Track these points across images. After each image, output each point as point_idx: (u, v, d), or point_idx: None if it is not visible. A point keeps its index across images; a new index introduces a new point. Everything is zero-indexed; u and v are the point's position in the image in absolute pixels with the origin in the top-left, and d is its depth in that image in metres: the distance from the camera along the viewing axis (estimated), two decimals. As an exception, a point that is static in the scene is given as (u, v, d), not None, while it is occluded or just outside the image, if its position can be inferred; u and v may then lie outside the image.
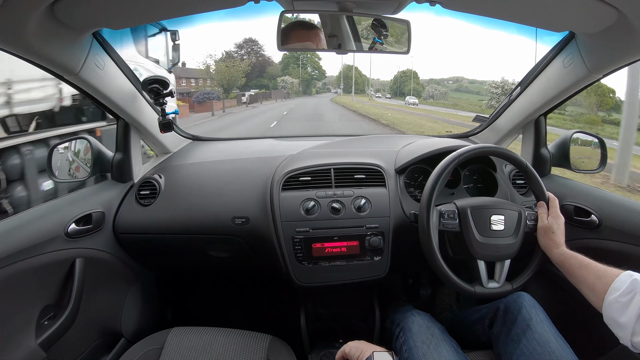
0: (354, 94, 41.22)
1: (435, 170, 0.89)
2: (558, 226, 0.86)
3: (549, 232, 0.85)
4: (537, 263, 0.90)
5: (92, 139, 1.12)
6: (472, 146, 0.91)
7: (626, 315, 0.62)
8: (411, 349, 0.84)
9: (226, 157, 1.29)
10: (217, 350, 0.86)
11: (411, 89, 43.44)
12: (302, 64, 44.86)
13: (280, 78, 40.95)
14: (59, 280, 0.92)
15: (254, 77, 37.80)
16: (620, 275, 0.67)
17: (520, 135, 1.31)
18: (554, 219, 0.87)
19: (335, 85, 47.35)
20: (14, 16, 0.63)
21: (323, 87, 48.97)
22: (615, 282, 0.66)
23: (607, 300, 0.66)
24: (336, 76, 50.45)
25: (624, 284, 0.65)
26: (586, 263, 0.75)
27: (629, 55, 0.84)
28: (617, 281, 0.66)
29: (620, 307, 0.63)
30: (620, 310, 0.63)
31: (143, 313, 1.24)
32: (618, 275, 0.67)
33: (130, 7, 0.76)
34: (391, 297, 1.38)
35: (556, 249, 0.83)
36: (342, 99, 35.53)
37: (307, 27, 0.95)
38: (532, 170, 0.91)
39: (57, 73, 0.85)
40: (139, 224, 1.09)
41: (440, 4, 0.79)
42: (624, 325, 0.62)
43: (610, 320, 0.66)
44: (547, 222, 0.87)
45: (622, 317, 0.62)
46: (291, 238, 1.02)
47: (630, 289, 0.63)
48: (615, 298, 0.64)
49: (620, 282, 0.66)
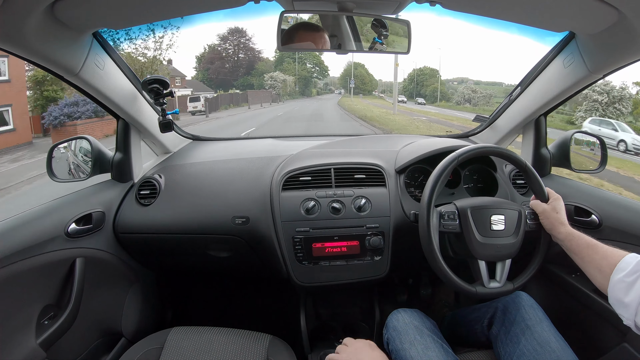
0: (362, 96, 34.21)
1: (435, 170, 0.89)
2: (560, 206, 0.86)
3: (553, 212, 0.85)
4: (538, 262, 0.89)
5: (92, 139, 1.12)
6: (472, 146, 0.91)
7: (631, 295, 0.62)
8: (398, 350, 0.81)
9: (226, 157, 1.29)
10: (217, 350, 0.86)
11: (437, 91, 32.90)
12: (300, 59, 33.77)
13: (268, 75, 30.50)
14: (59, 280, 0.92)
15: (241, 75, 30.62)
16: (626, 256, 0.67)
17: (521, 135, 1.31)
18: (555, 200, 0.87)
19: (338, 85, 39.61)
20: (14, 16, 0.63)
21: (325, 88, 39.73)
22: (621, 263, 0.67)
23: (613, 280, 0.66)
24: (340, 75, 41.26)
25: (629, 265, 0.65)
26: (593, 243, 0.75)
27: (630, 55, 0.84)
28: (623, 262, 0.66)
29: (625, 286, 0.63)
30: (625, 289, 0.63)
31: (143, 313, 1.24)
32: (624, 256, 0.68)
33: (130, 7, 0.76)
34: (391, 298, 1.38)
35: (563, 227, 0.82)
36: (354, 104, 25.34)
37: (312, 28, 0.94)
38: (532, 170, 0.91)
39: (57, 73, 0.85)
40: (139, 223, 1.10)
41: (440, 4, 0.79)
42: (628, 304, 0.62)
43: (615, 300, 0.66)
44: (548, 205, 0.87)
45: (627, 296, 0.63)
46: (291, 238, 1.02)
47: (635, 269, 0.64)
48: (621, 278, 0.65)
49: (626, 263, 0.66)
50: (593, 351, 0.93)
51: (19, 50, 0.73)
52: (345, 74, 38.71)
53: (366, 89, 37.91)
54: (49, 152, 1.07)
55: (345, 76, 38.75)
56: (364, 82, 38.04)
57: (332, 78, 40.92)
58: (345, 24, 0.96)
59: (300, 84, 35.53)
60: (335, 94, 36.81)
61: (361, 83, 37.45)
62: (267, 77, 30.48)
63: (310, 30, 0.94)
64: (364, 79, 38.70)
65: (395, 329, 0.86)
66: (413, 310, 0.92)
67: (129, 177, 1.15)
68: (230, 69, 30.78)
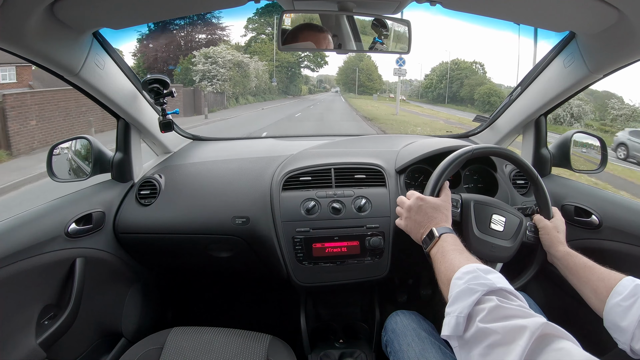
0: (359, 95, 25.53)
1: (444, 161, 0.87)
2: (562, 228, 0.86)
3: (554, 230, 0.85)
4: (537, 263, 0.89)
5: (93, 139, 1.12)
6: (486, 145, 0.90)
7: (627, 319, 0.62)
8: (396, 352, 0.82)
9: (226, 156, 1.29)
10: (217, 350, 0.86)
11: (482, 94, 20.58)
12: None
13: (200, 52, 15.21)
14: (59, 280, 0.92)
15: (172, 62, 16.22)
16: (623, 280, 0.67)
17: (521, 135, 1.31)
18: (558, 220, 0.87)
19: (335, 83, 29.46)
20: (14, 16, 0.63)
21: (319, 86, 29.07)
22: (617, 286, 0.66)
23: (609, 304, 0.66)
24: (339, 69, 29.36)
25: (626, 288, 0.64)
26: (590, 264, 0.75)
27: (630, 55, 0.84)
28: (620, 285, 0.66)
29: (622, 310, 0.63)
30: (622, 314, 0.63)
31: (143, 313, 1.24)
32: (621, 279, 0.67)
33: (130, 7, 0.76)
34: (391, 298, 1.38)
35: (561, 246, 0.82)
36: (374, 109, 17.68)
37: (316, 29, 0.94)
38: (543, 186, 0.89)
39: (57, 73, 0.85)
40: (139, 223, 1.09)
41: (440, 3, 0.79)
42: (625, 329, 0.62)
43: (611, 324, 0.65)
44: (551, 222, 0.86)
45: (624, 321, 0.62)
46: (291, 238, 1.02)
47: (632, 293, 0.63)
48: (618, 302, 0.64)
49: (623, 286, 0.65)
50: (593, 351, 0.92)
51: (19, 50, 0.73)
52: (347, 66, 28.15)
53: (373, 87, 27.21)
54: (49, 152, 1.07)
55: (346, 69, 28.46)
56: (370, 79, 27.62)
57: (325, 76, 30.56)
58: (346, 24, 0.96)
59: (282, 77, 21.37)
60: (332, 93, 28.20)
61: (367, 79, 27.41)
62: (198, 58, 14.96)
63: (314, 31, 0.94)
64: (372, 75, 27.69)
65: (394, 331, 0.87)
66: (411, 312, 0.93)
67: (129, 177, 1.15)
68: (171, 54, 16.57)
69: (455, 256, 0.65)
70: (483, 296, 0.53)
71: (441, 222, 0.76)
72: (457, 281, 0.57)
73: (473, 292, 0.53)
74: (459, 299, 0.54)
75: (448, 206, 0.81)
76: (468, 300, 0.53)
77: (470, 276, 0.56)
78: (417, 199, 0.81)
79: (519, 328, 0.46)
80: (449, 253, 0.67)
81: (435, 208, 0.78)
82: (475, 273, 0.56)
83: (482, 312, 0.51)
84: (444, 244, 0.70)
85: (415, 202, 0.80)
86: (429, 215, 0.78)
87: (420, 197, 0.81)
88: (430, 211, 0.78)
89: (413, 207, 0.80)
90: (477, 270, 0.57)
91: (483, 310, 0.51)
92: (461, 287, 0.55)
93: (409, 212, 0.81)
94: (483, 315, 0.50)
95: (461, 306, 0.53)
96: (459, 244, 0.70)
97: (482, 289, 0.53)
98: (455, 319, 0.53)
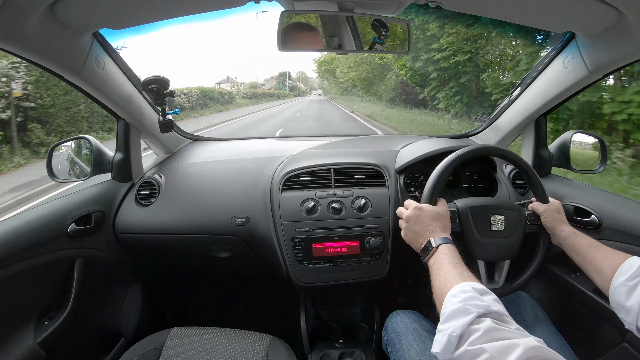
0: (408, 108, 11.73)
1: (436, 168, 0.89)
2: (561, 208, 0.86)
3: (555, 211, 0.85)
4: (537, 263, 0.89)
5: (92, 139, 1.12)
6: (474, 146, 0.91)
7: (632, 299, 0.62)
8: (397, 351, 0.82)
9: (226, 157, 1.29)
10: (216, 350, 0.86)
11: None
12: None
13: None
14: (59, 280, 0.92)
15: None
16: (628, 259, 0.66)
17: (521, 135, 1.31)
18: (556, 203, 0.87)
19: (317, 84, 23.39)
20: (14, 16, 0.63)
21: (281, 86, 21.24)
22: (622, 266, 0.66)
23: (614, 284, 0.65)
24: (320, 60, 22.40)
25: (631, 268, 0.64)
26: (595, 244, 0.75)
27: (630, 55, 0.84)
28: (625, 264, 0.66)
29: (626, 290, 0.63)
30: (626, 294, 0.63)
31: (143, 313, 1.24)
32: (626, 259, 0.67)
33: (130, 7, 0.76)
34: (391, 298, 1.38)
35: (565, 225, 0.82)
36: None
37: (304, 28, 0.94)
38: (534, 172, 0.89)
39: (57, 73, 0.85)
40: (139, 224, 1.09)
41: (440, 4, 0.79)
42: (630, 309, 0.62)
43: (616, 304, 0.65)
44: (550, 205, 0.86)
45: (628, 301, 0.62)
46: (291, 238, 1.02)
47: (637, 273, 0.63)
48: (622, 282, 0.64)
49: (627, 266, 0.65)
50: (593, 351, 0.93)
51: (19, 50, 0.73)
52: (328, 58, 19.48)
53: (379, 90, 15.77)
54: (49, 152, 1.07)
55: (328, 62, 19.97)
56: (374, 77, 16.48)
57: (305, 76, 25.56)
58: (346, 24, 0.96)
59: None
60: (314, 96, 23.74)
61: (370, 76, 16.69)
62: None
63: (303, 30, 0.94)
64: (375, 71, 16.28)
65: (395, 330, 0.87)
66: (411, 312, 0.93)
67: (129, 177, 1.15)
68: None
69: (450, 270, 0.65)
70: (477, 318, 0.52)
71: (440, 231, 0.76)
72: (451, 298, 0.57)
73: (467, 312, 0.53)
74: (452, 317, 0.54)
75: (446, 213, 0.80)
76: (462, 320, 0.52)
77: (466, 295, 0.55)
78: (415, 209, 0.80)
79: (510, 345, 0.46)
80: (444, 266, 0.66)
81: (434, 217, 0.78)
82: (471, 293, 0.56)
83: (476, 332, 0.50)
84: (441, 255, 0.69)
85: (414, 212, 0.80)
86: (427, 225, 0.77)
87: (418, 206, 0.80)
88: (429, 220, 0.78)
89: (412, 217, 0.80)
90: (472, 290, 0.56)
91: (477, 331, 0.50)
92: (456, 306, 0.55)
93: (407, 222, 0.80)
94: (478, 336, 0.49)
95: (454, 325, 0.52)
96: (456, 256, 0.69)
97: (476, 310, 0.52)
98: (448, 338, 0.52)
